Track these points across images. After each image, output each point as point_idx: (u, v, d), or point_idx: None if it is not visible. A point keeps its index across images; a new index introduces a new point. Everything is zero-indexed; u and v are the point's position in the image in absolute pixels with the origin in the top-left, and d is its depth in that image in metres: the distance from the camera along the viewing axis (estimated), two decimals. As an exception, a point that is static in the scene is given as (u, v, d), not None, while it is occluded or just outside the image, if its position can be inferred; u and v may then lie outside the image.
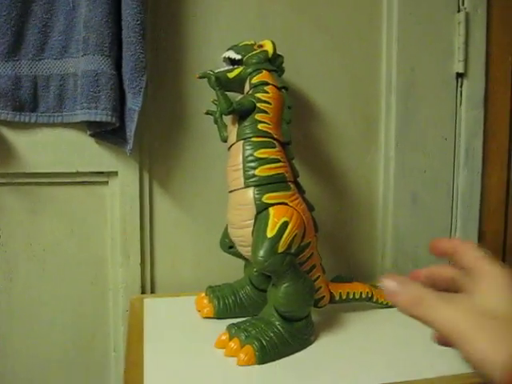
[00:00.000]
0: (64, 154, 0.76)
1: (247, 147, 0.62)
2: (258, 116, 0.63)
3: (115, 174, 0.79)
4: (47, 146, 0.76)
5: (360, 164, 0.90)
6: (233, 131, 0.65)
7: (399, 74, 0.88)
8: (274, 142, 0.63)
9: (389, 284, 0.35)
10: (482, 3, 0.90)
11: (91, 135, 0.75)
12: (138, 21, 0.68)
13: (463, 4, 0.90)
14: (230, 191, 0.64)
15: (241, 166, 0.62)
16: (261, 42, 0.71)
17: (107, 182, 0.80)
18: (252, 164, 0.61)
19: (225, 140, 0.68)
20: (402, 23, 0.87)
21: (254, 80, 0.66)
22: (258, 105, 0.64)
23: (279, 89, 0.67)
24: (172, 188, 0.82)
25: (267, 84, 0.66)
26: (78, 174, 0.78)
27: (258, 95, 0.64)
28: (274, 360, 0.57)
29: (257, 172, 0.61)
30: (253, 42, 0.72)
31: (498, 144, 0.95)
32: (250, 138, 0.62)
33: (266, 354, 0.57)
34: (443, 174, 0.93)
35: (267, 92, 0.65)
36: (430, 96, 0.90)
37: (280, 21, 0.83)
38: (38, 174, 0.76)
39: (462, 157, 0.92)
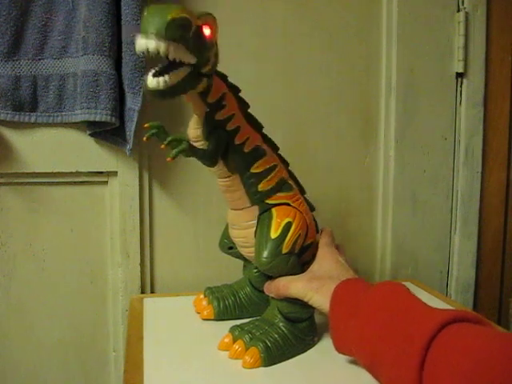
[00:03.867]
0: (64, 154, 0.76)
1: (243, 173, 0.58)
2: (237, 140, 0.57)
3: (115, 173, 0.79)
4: (47, 146, 0.76)
5: (360, 164, 0.90)
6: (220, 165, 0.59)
7: (399, 74, 0.88)
8: (262, 148, 0.60)
9: (265, 286, 0.61)
10: (482, 3, 0.90)
11: (91, 135, 0.75)
12: (137, 21, 0.68)
13: (463, 4, 0.90)
14: (234, 209, 0.61)
15: (241, 185, 0.59)
16: None
17: (107, 182, 0.80)
18: (252, 180, 0.58)
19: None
20: (402, 23, 0.87)
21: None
22: (227, 128, 0.56)
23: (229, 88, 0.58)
24: (171, 188, 0.82)
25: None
26: (77, 173, 0.78)
27: (218, 117, 0.55)
28: (279, 362, 0.57)
29: (260, 188, 0.59)
30: None
31: (498, 143, 0.95)
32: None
33: (272, 356, 0.56)
34: (443, 173, 0.93)
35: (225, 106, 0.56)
36: (430, 96, 0.90)
37: (280, 21, 0.83)
38: (37, 173, 0.76)
39: (461, 156, 0.92)
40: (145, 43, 0.44)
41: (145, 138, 0.54)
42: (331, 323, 0.53)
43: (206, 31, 0.49)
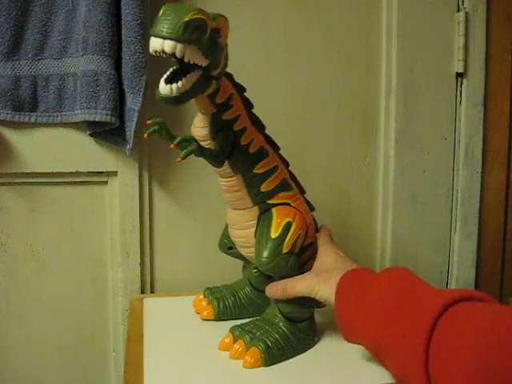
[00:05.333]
0: (63, 154, 0.76)
1: (246, 174, 0.58)
2: (243, 141, 0.57)
3: (115, 173, 0.79)
4: (47, 146, 0.76)
5: (360, 164, 0.90)
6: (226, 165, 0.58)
7: (399, 74, 0.88)
8: (265, 148, 0.60)
9: (268, 289, 0.60)
10: (482, 3, 0.90)
11: (91, 135, 0.75)
12: (137, 21, 0.68)
13: (463, 4, 0.90)
14: (235, 209, 0.61)
15: (243, 186, 0.58)
16: None
17: (107, 182, 0.80)
18: (254, 181, 0.58)
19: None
20: (402, 23, 0.87)
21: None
22: (234, 128, 0.56)
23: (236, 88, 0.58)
24: (171, 188, 0.82)
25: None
26: (77, 173, 0.78)
27: (225, 117, 0.55)
28: (279, 361, 0.57)
29: (262, 189, 0.59)
30: None
31: (498, 144, 0.95)
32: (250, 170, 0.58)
33: (272, 356, 0.56)
34: (443, 173, 0.93)
35: (232, 106, 0.56)
36: (430, 96, 0.90)
37: (280, 21, 0.83)
38: (37, 173, 0.76)
39: (461, 156, 0.92)
40: (161, 44, 0.44)
41: (145, 135, 0.52)
42: (337, 312, 0.53)
43: (219, 33, 0.49)
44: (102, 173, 0.79)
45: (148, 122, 0.53)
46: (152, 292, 0.83)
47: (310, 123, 0.87)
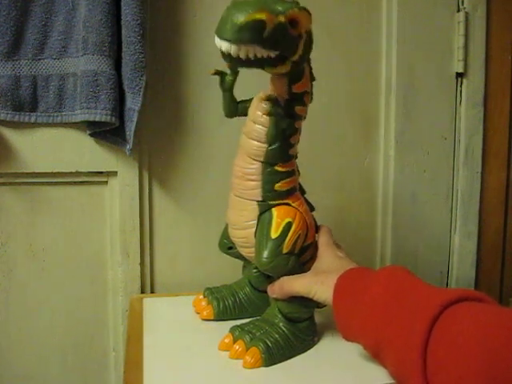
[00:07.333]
0: (63, 154, 0.76)
1: (268, 167, 0.58)
2: (292, 140, 0.58)
3: (115, 173, 0.79)
4: (47, 146, 0.76)
5: (360, 163, 0.90)
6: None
7: (399, 74, 0.88)
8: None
9: (268, 288, 0.60)
10: (482, 3, 0.90)
11: (91, 135, 0.75)
12: (137, 21, 0.68)
13: (463, 4, 0.90)
14: (238, 197, 0.61)
15: (260, 177, 0.58)
16: None
17: (106, 182, 0.80)
18: (272, 177, 0.58)
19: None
20: (402, 23, 0.87)
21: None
22: (296, 125, 0.58)
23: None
24: (171, 188, 0.82)
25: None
26: (77, 173, 0.78)
27: (297, 111, 0.57)
28: (279, 362, 0.57)
29: (276, 187, 0.58)
30: None
31: (498, 144, 0.95)
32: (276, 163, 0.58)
33: (272, 356, 0.56)
34: (443, 173, 0.93)
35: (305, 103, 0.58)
36: (430, 95, 0.90)
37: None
38: (37, 173, 0.76)
39: (461, 156, 0.92)
40: (219, 43, 0.47)
41: (212, 71, 0.57)
42: (335, 312, 0.53)
43: (292, 25, 0.49)
44: (101, 173, 0.79)
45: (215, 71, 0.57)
46: (152, 292, 0.83)
47: (309, 123, 0.86)
